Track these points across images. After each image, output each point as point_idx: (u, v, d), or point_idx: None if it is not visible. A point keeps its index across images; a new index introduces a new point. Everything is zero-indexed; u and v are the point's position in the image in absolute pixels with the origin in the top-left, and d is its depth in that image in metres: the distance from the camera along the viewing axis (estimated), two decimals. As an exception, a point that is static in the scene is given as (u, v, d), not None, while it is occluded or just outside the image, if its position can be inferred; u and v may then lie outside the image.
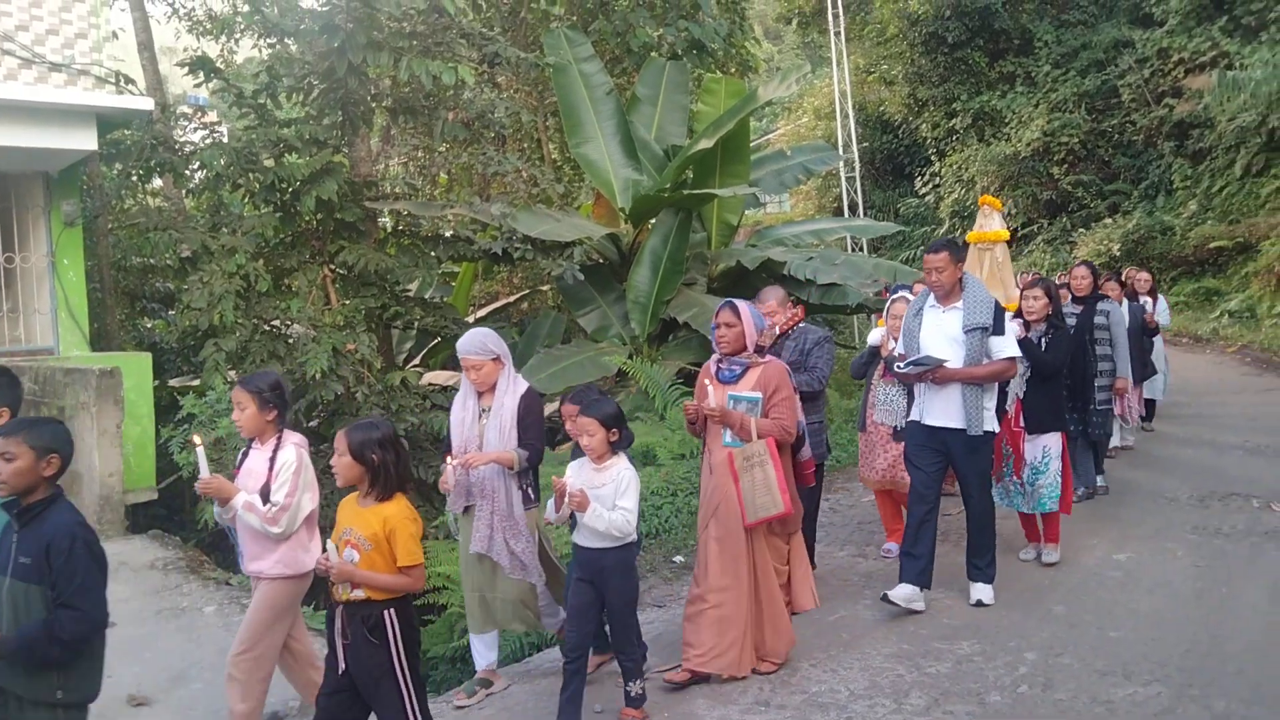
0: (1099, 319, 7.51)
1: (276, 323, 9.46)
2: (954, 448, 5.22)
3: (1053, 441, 6.01)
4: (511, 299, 15.59)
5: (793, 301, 6.02)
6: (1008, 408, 5.87)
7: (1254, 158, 19.42)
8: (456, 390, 10.20)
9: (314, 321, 9.06)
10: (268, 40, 10.49)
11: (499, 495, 4.58)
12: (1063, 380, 6.35)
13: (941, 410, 5.22)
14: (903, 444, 5.78)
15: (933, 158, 27.27)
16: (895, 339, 6.07)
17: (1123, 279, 10.13)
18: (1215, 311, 17.99)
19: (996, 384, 5.31)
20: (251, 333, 8.81)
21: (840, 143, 22.21)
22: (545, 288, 14.89)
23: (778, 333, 5.65)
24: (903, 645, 4.89)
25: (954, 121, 26.14)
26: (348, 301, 9.66)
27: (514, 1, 15.00)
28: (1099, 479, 7.70)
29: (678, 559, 6.63)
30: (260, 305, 9.07)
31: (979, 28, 25.19)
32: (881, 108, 29.01)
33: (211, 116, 16.90)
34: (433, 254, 10.63)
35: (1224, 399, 12.11)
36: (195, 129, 10.18)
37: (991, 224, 7.65)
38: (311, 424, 10.24)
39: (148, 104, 8.08)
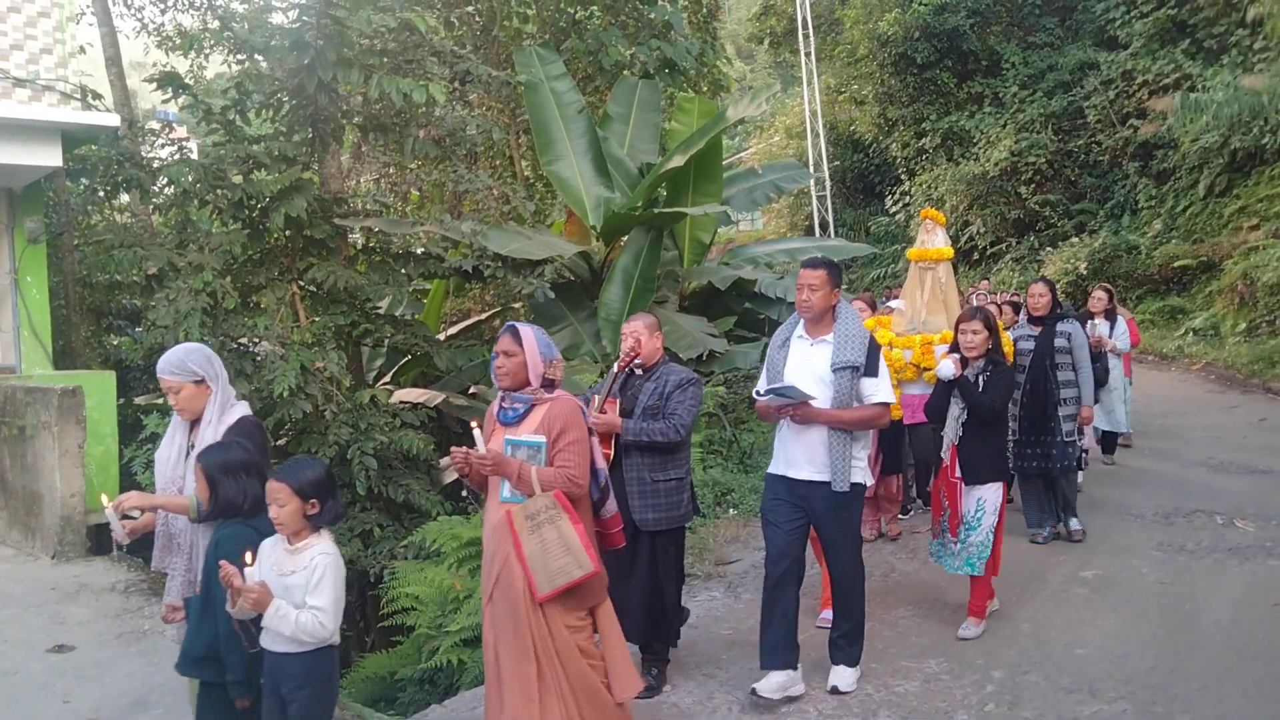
0: (1060, 341, 6.90)
1: (244, 340, 9.36)
2: (815, 504, 4.46)
3: (990, 494, 5.33)
4: (483, 316, 15.53)
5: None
6: (943, 455, 5.42)
7: (1217, 178, 19.76)
8: (429, 407, 10.19)
9: (282, 339, 8.98)
10: (237, 57, 10.43)
11: (195, 552, 3.67)
12: (1005, 424, 5.73)
13: (803, 459, 4.49)
14: None
15: (903, 177, 27.54)
16: None
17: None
18: (1180, 329, 18.24)
19: (869, 434, 4.67)
20: (218, 350, 8.70)
21: (811, 161, 22.39)
22: (517, 305, 14.85)
23: (638, 367, 4.84)
24: (871, 664, 4.89)
25: (923, 141, 26.43)
26: (317, 319, 9.58)
27: (486, 19, 15.04)
28: (1074, 521, 7.08)
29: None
30: (227, 323, 8.97)
31: (948, 49, 25.53)
32: (852, 127, 29.29)
33: (181, 132, 16.80)
34: (403, 271, 10.57)
35: (1188, 416, 12.26)
36: (163, 145, 10.09)
37: (934, 240, 6.92)
38: (279, 442, 10.15)
39: (114, 120, 8.01)
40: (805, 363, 4.49)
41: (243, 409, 3.81)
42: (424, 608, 6.45)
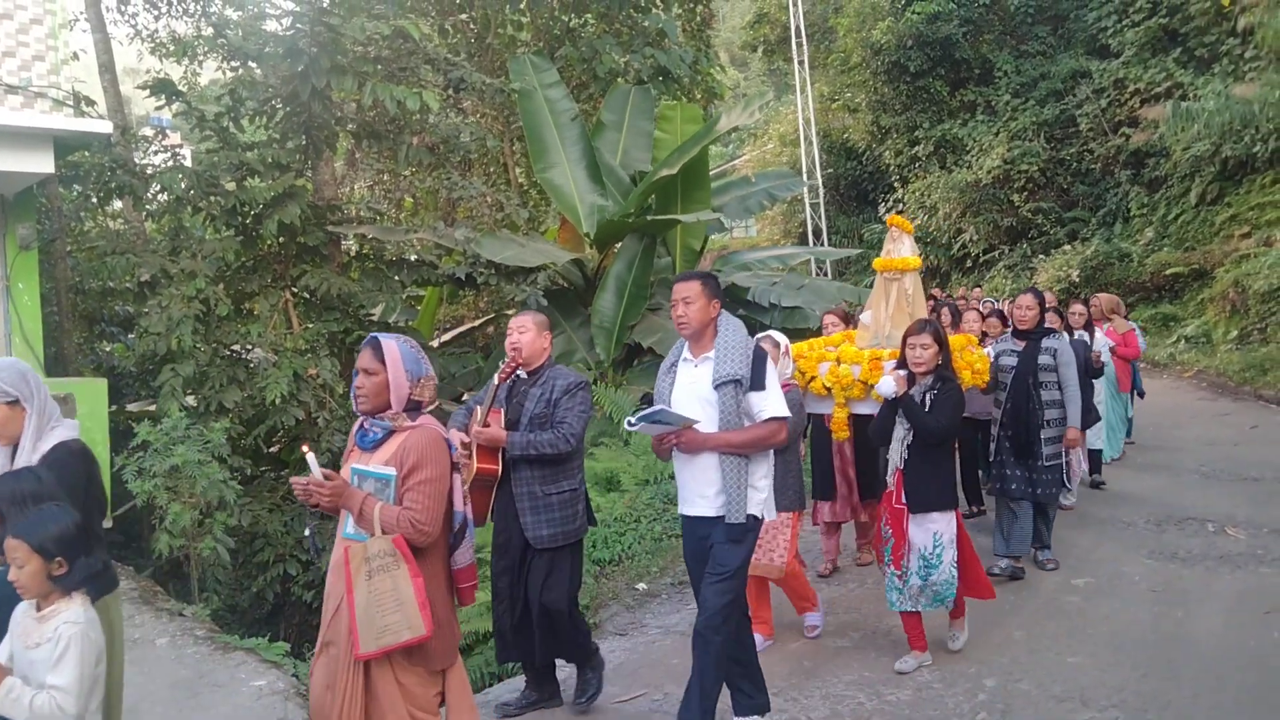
0: (1044, 359, 6.40)
1: (236, 347, 9.36)
2: (714, 539, 3.97)
3: (944, 525, 4.89)
4: (476, 323, 15.54)
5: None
6: (888, 479, 5.04)
7: (1208, 186, 19.84)
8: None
9: (275, 346, 8.97)
10: (231, 64, 10.44)
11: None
12: (953, 447, 5.25)
13: (696, 493, 4.01)
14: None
15: (896, 184, 27.61)
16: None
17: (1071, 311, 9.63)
18: (1172, 337, 18.29)
19: (770, 455, 4.13)
20: (211, 357, 8.71)
21: (804, 169, 22.43)
22: (510, 312, 14.84)
23: (518, 370, 4.48)
24: (864, 673, 4.89)
25: (916, 149, 26.50)
26: (310, 325, 9.58)
27: (481, 27, 15.06)
28: (1046, 553, 6.61)
29: (640, 586, 6.61)
30: (220, 330, 8.97)
31: (940, 58, 25.62)
32: (845, 135, 29.36)
33: (175, 138, 16.76)
34: (397, 278, 10.58)
35: (1180, 423, 12.29)
36: (157, 151, 10.08)
37: (901, 249, 6.42)
38: (272, 449, 10.13)
39: (106, 127, 7.99)
40: (690, 385, 4.04)
41: (65, 432, 3.28)
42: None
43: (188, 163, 9.86)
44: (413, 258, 11.23)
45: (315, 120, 9.50)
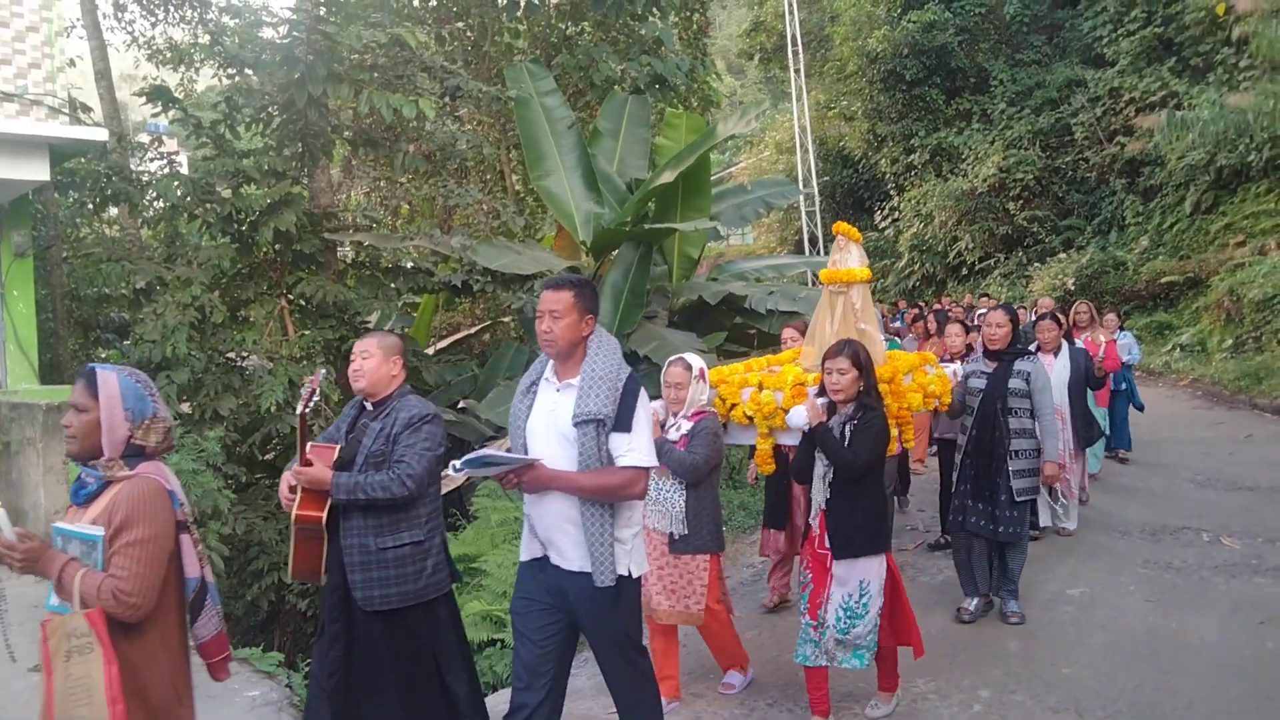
0: (1015, 382, 5.72)
1: (232, 355, 9.35)
2: (576, 601, 3.42)
3: (872, 572, 4.35)
4: (472, 330, 15.52)
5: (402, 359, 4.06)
6: (811, 521, 4.51)
7: (1203, 195, 19.91)
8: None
9: (270, 353, 8.97)
10: (227, 71, 10.44)
11: None
12: (881, 483, 4.55)
13: (554, 539, 3.44)
14: (681, 556, 4.64)
15: (892, 192, 27.68)
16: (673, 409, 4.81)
17: (1068, 317, 9.20)
18: (1167, 345, 18.34)
19: (639, 503, 3.53)
20: (206, 365, 8.70)
21: (800, 177, 22.46)
22: (507, 319, 14.86)
23: (369, 401, 3.88)
24: (859, 684, 4.88)
25: (912, 157, 26.58)
26: (306, 332, 9.58)
27: (477, 35, 15.07)
28: (1012, 603, 5.83)
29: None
30: (215, 337, 8.96)
31: (936, 66, 25.70)
32: (842, 143, 29.44)
33: (171, 144, 16.75)
34: (393, 286, 10.57)
35: (1176, 432, 12.31)
36: (153, 159, 10.08)
37: (848, 259, 5.82)
38: (267, 457, 10.12)
39: (102, 134, 8.00)
40: (550, 414, 3.43)
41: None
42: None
43: (184, 169, 9.86)
44: (409, 265, 11.23)
45: (311, 128, 9.50)
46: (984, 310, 14.12)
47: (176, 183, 9.16)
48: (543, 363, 3.58)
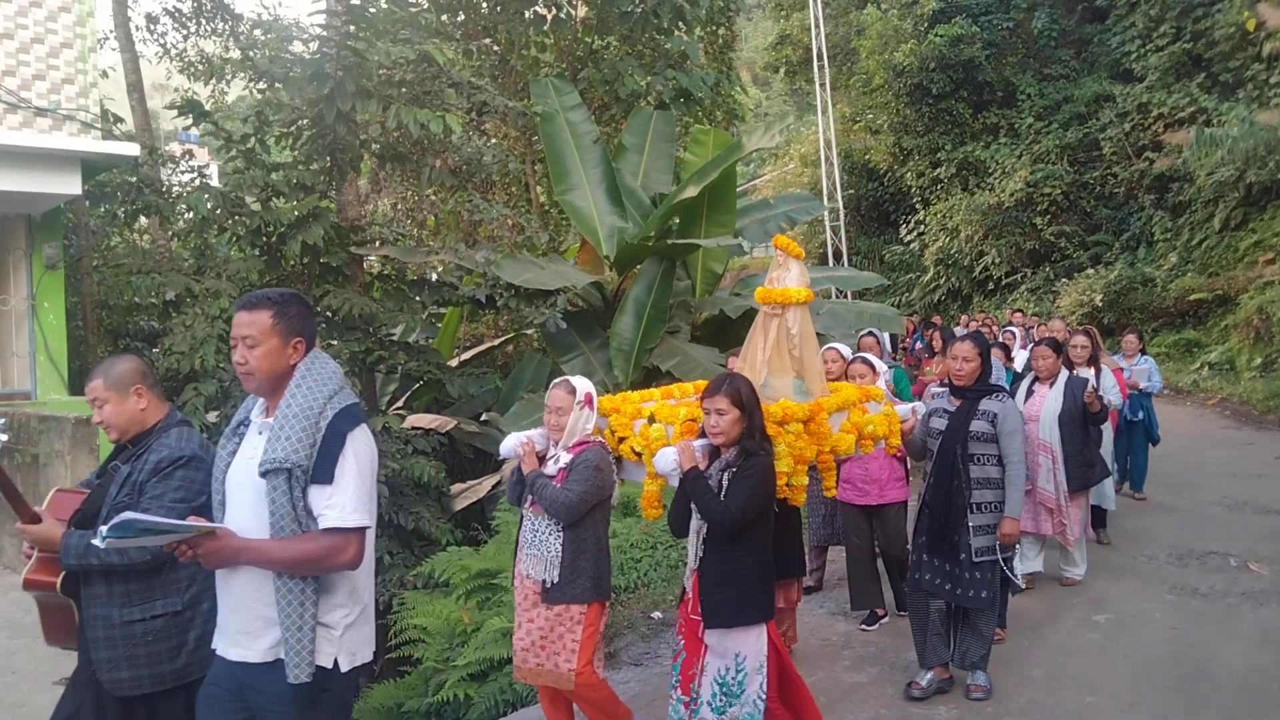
0: (979, 424, 4.97)
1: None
2: (256, 699, 2.74)
3: (749, 645, 3.80)
4: (496, 342, 15.58)
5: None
6: (685, 582, 4.02)
7: (1232, 212, 19.74)
8: (440, 434, 10.22)
9: (297, 366, 9.05)
10: (258, 86, 10.57)
11: None
12: (763, 542, 3.90)
13: (235, 625, 2.77)
14: (554, 607, 4.10)
15: (917, 206, 27.58)
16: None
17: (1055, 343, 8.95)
18: (1195, 363, 18.16)
19: (353, 579, 2.79)
20: (234, 376, 8.78)
21: (825, 191, 22.43)
22: (530, 332, 14.91)
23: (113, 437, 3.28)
24: (880, 710, 4.86)
25: (938, 171, 26.48)
26: (332, 343, 9.66)
27: (504, 49, 15.17)
28: (977, 674, 5.01)
29: (656, 615, 6.59)
30: (242, 349, 9.06)
31: (963, 80, 25.61)
32: (867, 156, 29.37)
33: (201, 153, 16.94)
34: (417, 299, 10.65)
35: (1203, 453, 12.18)
36: (184, 171, 10.21)
37: (786, 277, 5.14)
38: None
39: (133, 149, 8.12)
40: (249, 461, 2.77)
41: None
42: (432, 640, 6.45)
43: (214, 180, 9.98)
44: (434, 278, 11.30)
45: (340, 142, 9.59)
46: (1011, 327, 13.96)
47: (206, 196, 9.29)
48: (250, 402, 2.95)
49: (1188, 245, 20.94)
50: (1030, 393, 6.79)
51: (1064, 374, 6.80)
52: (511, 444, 4.30)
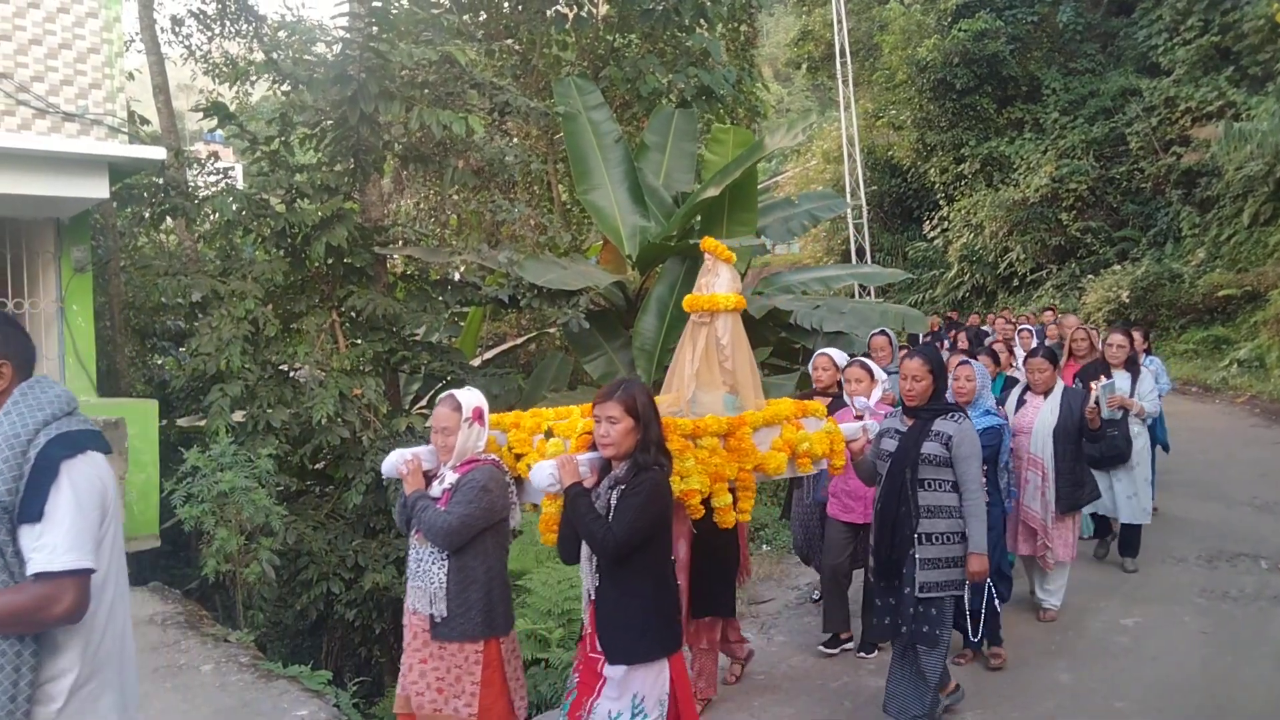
0: (931, 446, 4.44)
1: (284, 366, 9.52)
2: None
3: (647, 684, 3.45)
4: (519, 341, 15.63)
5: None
6: (584, 618, 3.71)
7: (1261, 207, 19.49)
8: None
9: (321, 365, 9.12)
10: (281, 88, 10.63)
11: None
12: (662, 567, 3.55)
13: None
14: (446, 645, 3.69)
15: (941, 202, 27.41)
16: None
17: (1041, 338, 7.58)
18: (1224, 360, 17.94)
19: (81, 634, 2.35)
20: (259, 376, 8.86)
21: (848, 187, 22.32)
22: (553, 331, 14.94)
23: None
24: (905, 714, 4.82)
25: (962, 166, 26.30)
26: (359, 342, 9.72)
27: (526, 48, 15.19)
28: None
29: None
30: (268, 349, 9.13)
31: (987, 75, 25.43)
32: (890, 151, 29.22)
33: (228, 155, 17.06)
34: (440, 299, 10.69)
35: (1233, 451, 12.03)
36: (210, 173, 10.29)
37: (716, 283, 4.69)
38: (318, 466, 10.27)
39: (160, 154, 8.16)
40: None
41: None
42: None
43: (239, 180, 10.06)
44: (456, 277, 11.34)
45: (363, 144, 9.63)
46: (1026, 326, 13.54)
47: (231, 198, 9.36)
48: None
49: (1216, 241, 20.70)
50: (1022, 403, 6.32)
51: (1060, 385, 6.31)
52: (393, 462, 3.87)
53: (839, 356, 6.01)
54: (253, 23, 14.26)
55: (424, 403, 12.91)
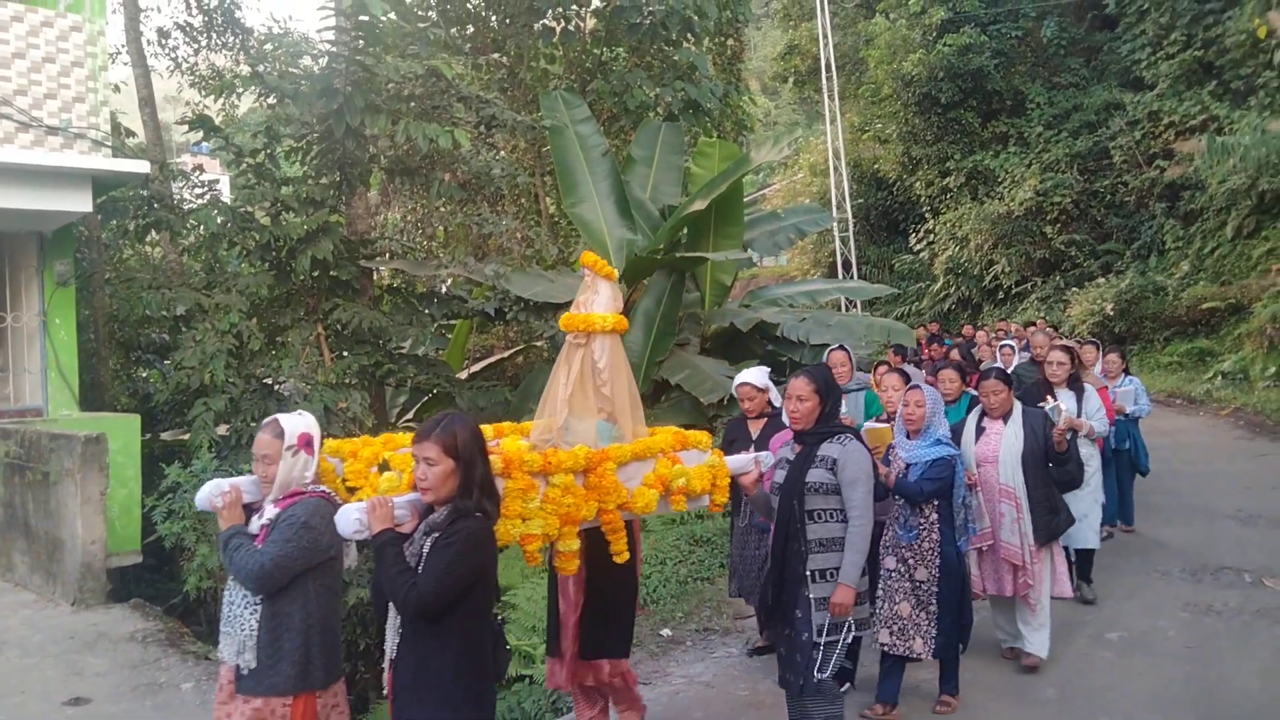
0: (817, 473, 4.09)
1: (269, 379, 9.47)
2: None
3: None
4: (506, 354, 15.60)
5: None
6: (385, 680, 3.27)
7: (1245, 220, 19.64)
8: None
9: (306, 379, 9.08)
10: (267, 102, 10.63)
11: None
12: (475, 631, 3.11)
13: None
14: (251, 700, 3.23)
15: (927, 215, 27.54)
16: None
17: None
18: (1209, 372, 18.03)
19: None
20: (243, 390, 8.82)
21: (834, 200, 22.40)
22: (540, 343, 14.92)
23: None
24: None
25: (948, 180, 26.44)
26: (346, 354, 9.69)
27: (513, 61, 15.21)
28: None
29: (665, 632, 6.57)
30: (253, 362, 9.09)
31: (972, 89, 25.59)
32: (876, 165, 29.36)
33: (215, 167, 17.00)
34: (426, 312, 10.68)
35: (1217, 465, 12.07)
36: (194, 186, 10.27)
37: (595, 301, 4.36)
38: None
39: (143, 166, 8.16)
40: None
41: None
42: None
43: (225, 192, 10.03)
44: (443, 290, 11.33)
45: (349, 157, 9.63)
46: (1008, 340, 13.10)
47: (216, 211, 9.33)
48: None
49: (1200, 253, 20.84)
50: (981, 430, 5.72)
51: (1019, 407, 5.73)
52: (206, 494, 3.40)
53: (758, 379, 5.73)
54: (239, 35, 14.26)
55: (410, 416, 12.88)
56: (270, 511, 3.32)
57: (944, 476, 4.86)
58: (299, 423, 3.39)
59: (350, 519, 3.08)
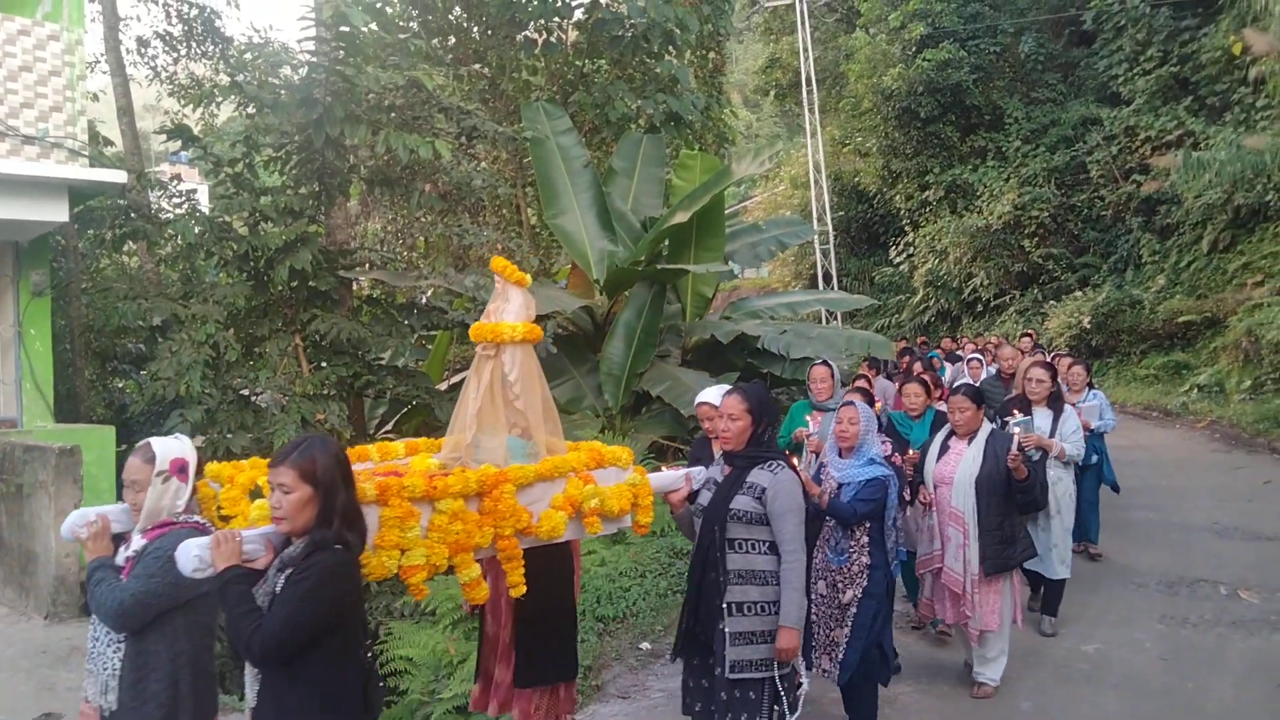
0: (742, 500, 3.84)
1: (246, 391, 9.40)
2: None
3: None
4: (486, 365, 15.54)
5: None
6: None
7: (1220, 234, 19.85)
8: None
9: (284, 390, 9.02)
10: (247, 111, 10.58)
11: None
12: (334, 676, 2.84)
13: None
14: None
15: (907, 228, 27.70)
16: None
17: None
18: (1185, 385, 18.18)
19: None
20: (219, 401, 8.75)
21: (815, 212, 22.49)
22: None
23: None
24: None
25: (927, 193, 26.62)
26: (324, 365, 9.63)
27: (495, 72, 15.23)
28: None
29: (644, 645, 6.54)
30: (229, 373, 9.02)
31: (951, 103, 25.79)
32: (856, 178, 29.53)
33: (194, 176, 16.89)
34: (406, 323, 10.64)
35: (1193, 477, 12.16)
36: (172, 196, 10.21)
37: (506, 309, 4.10)
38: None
39: (121, 176, 8.10)
40: None
41: None
42: (418, 671, 6.39)
43: (203, 202, 9.97)
44: (423, 301, 11.29)
45: (328, 167, 9.59)
46: (976, 355, 12.77)
47: (194, 221, 9.26)
48: None
49: (1176, 267, 21.05)
50: (944, 449, 5.55)
51: (986, 428, 5.50)
52: (71, 524, 3.15)
53: (716, 398, 5.21)
54: (219, 45, 14.22)
55: (389, 428, 12.82)
56: (138, 543, 3.09)
57: (877, 497, 4.63)
58: (173, 446, 3.16)
59: (190, 555, 2.78)
